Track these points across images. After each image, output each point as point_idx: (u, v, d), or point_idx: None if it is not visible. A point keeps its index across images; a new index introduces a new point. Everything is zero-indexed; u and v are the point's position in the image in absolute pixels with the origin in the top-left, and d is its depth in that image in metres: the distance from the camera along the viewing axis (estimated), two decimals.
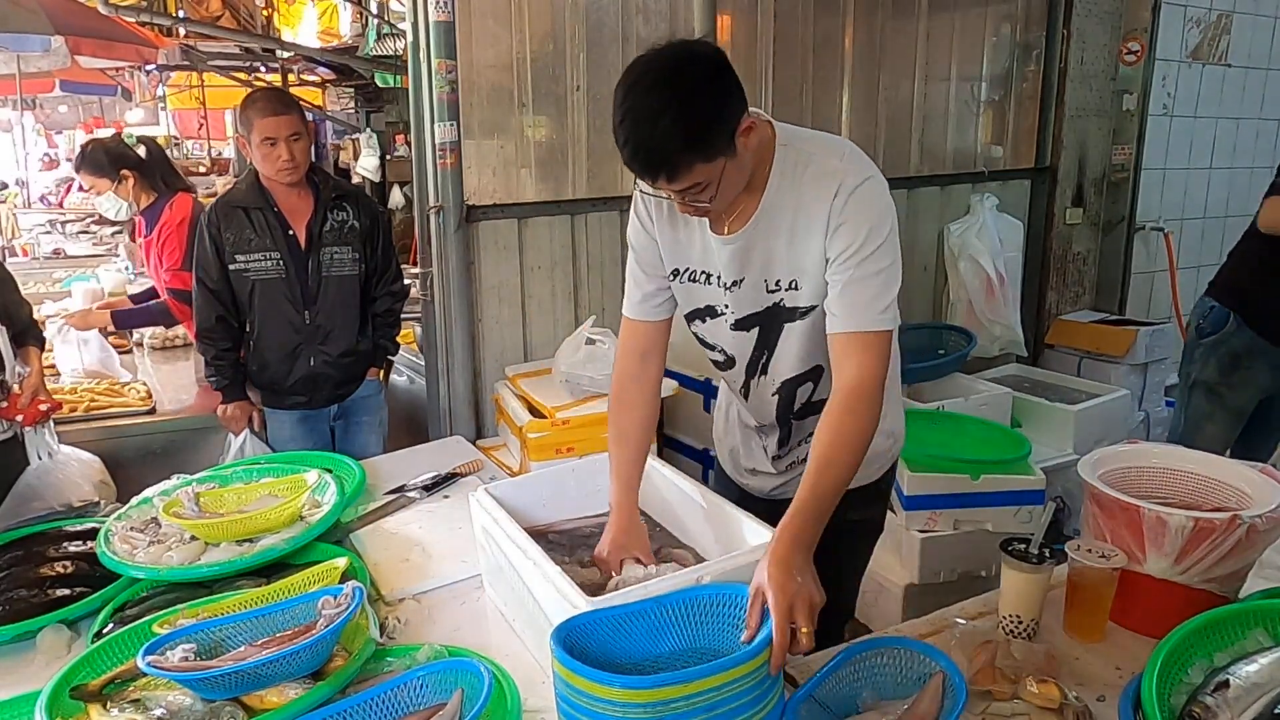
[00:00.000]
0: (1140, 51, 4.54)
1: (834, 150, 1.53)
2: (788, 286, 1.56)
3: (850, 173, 1.48)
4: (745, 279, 1.58)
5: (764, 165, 1.51)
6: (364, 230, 2.73)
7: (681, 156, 1.35)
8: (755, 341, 1.64)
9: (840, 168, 1.49)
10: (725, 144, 1.38)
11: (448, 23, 2.96)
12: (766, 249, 1.54)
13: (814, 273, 1.52)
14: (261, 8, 8.91)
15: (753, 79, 3.78)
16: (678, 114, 1.32)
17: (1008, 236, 4.38)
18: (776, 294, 1.57)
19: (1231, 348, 2.92)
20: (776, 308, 1.58)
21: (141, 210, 3.24)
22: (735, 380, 1.74)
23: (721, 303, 1.63)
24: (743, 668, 1.10)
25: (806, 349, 1.60)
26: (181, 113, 11.86)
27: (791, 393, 1.68)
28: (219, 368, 2.69)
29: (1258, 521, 1.35)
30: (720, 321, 1.66)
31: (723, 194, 1.44)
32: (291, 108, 2.57)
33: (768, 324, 1.61)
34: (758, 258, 1.55)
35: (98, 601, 1.65)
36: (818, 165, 1.50)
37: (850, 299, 1.46)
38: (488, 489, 1.68)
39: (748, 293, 1.59)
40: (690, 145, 1.34)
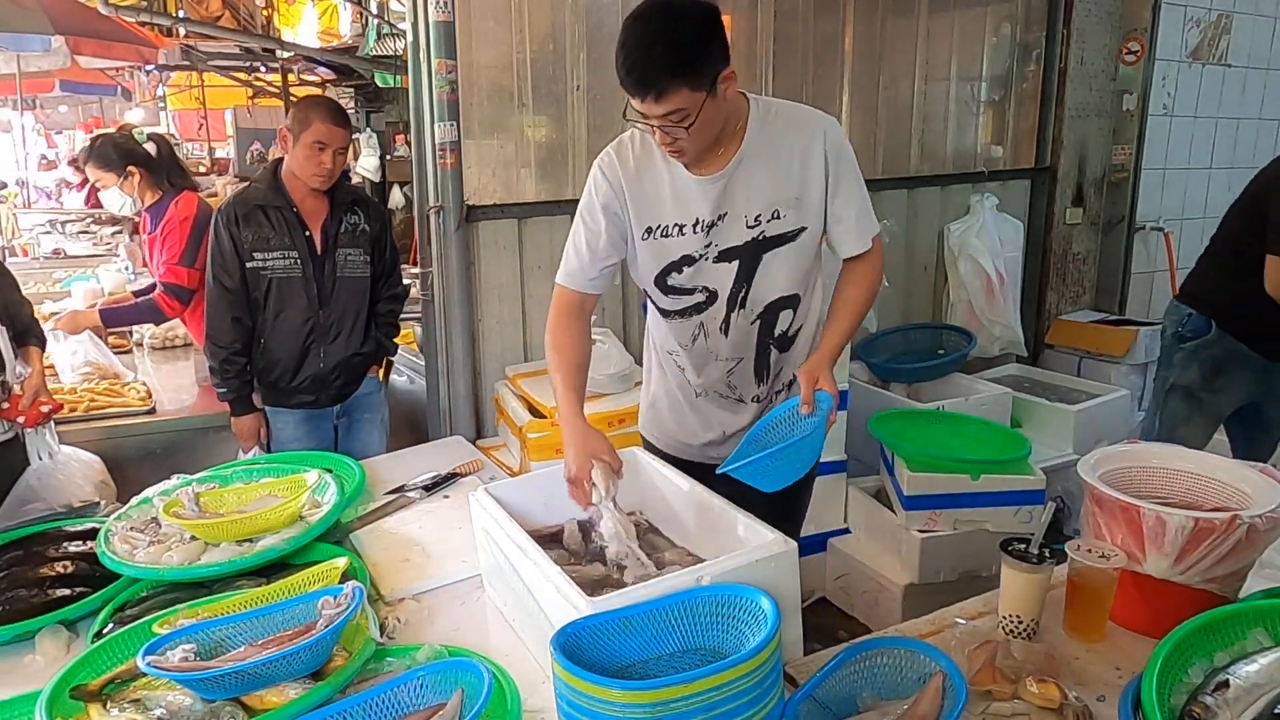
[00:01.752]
0: (1140, 51, 4.54)
1: (803, 106, 1.83)
2: (770, 218, 1.77)
3: (828, 121, 1.78)
4: (728, 214, 1.78)
5: (739, 119, 1.75)
6: (373, 234, 2.78)
7: (670, 79, 1.56)
8: (736, 274, 1.81)
9: (812, 115, 1.79)
10: (708, 80, 1.59)
11: (448, 23, 2.96)
12: (747, 186, 1.76)
13: (797, 202, 1.76)
14: (261, 8, 8.90)
15: (753, 79, 3.78)
16: (670, 41, 1.55)
17: (1008, 236, 4.38)
18: (757, 228, 1.78)
19: (1214, 354, 2.83)
20: (757, 240, 1.79)
21: (146, 208, 3.24)
22: (715, 318, 1.86)
23: (701, 244, 1.80)
24: (743, 667, 1.10)
25: (786, 275, 1.82)
26: (182, 113, 11.87)
27: (772, 318, 1.86)
28: (226, 375, 2.68)
29: (1258, 521, 1.35)
30: (702, 263, 1.82)
31: (697, 131, 1.63)
32: (348, 124, 2.67)
33: (746, 257, 1.80)
34: (739, 195, 1.76)
35: (98, 601, 1.65)
36: (788, 114, 1.78)
37: (860, 223, 1.81)
38: (488, 489, 1.68)
39: (730, 227, 1.78)
40: (677, 71, 1.56)
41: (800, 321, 1.89)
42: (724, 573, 1.33)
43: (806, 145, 1.75)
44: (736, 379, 1.92)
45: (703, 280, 1.83)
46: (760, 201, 1.76)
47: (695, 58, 1.57)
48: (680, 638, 1.29)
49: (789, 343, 1.90)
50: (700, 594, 1.29)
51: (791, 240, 1.79)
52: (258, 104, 10.16)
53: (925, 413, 3.44)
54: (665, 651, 1.28)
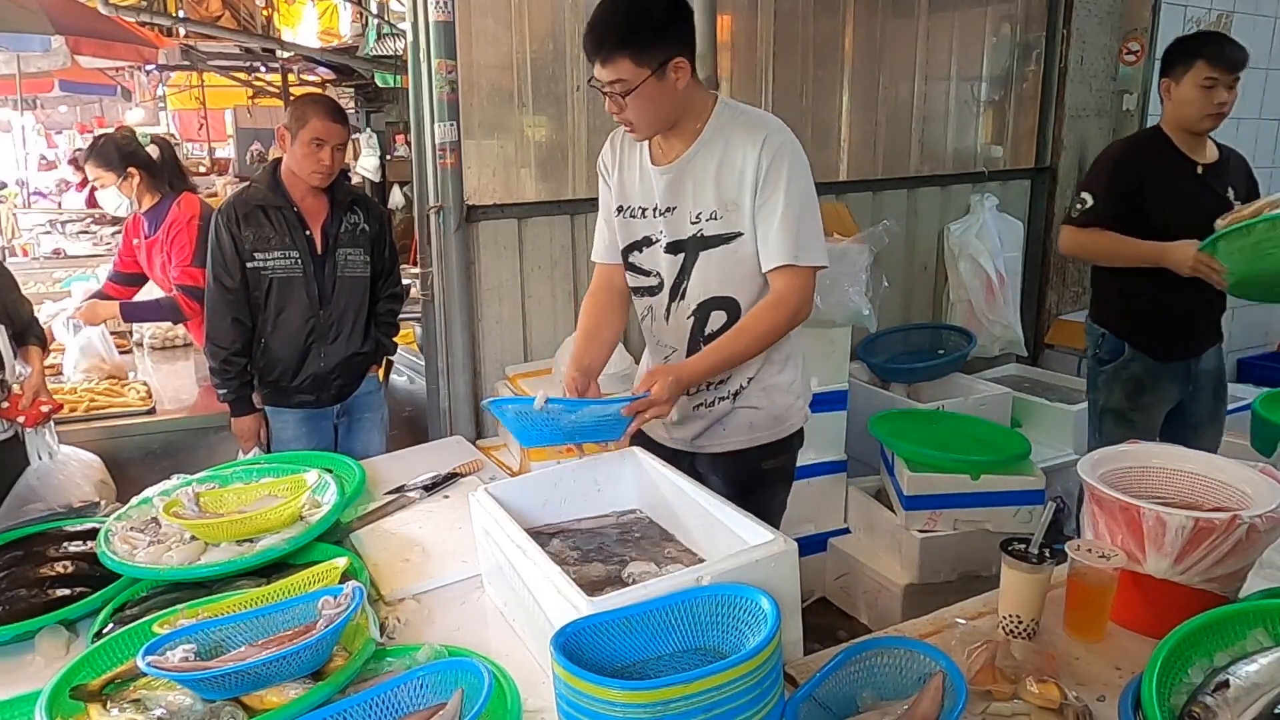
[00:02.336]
0: (1140, 51, 4.54)
1: (766, 115, 1.87)
2: (709, 217, 1.84)
3: (775, 129, 1.81)
4: (677, 208, 1.87)
5: (700, 116, 1.83)
6: (373, 234, 2.78)
7: (617, 48, 1.68)
8: (680, 265, 1.90)
9: (767, 124, 1.82)
10: (655, 59, 1.70)
11: (448, 23, 2.96)
12: (695, 182, 1.83)
13: (734, 207, 1.81)
14: (261, 8, 8.91)
15: (753, 79, 3.79)
16: (630, 14, 1.69)
17: (1008, 236, 4.38)
18: (698, 225, 1.85)
19: (1133, 373, 2.83)
20: (697, 238, 1.86)
21: (144, 211, 3.24)
22: (660, 305, 1.97)
23: (657, 230, 1.91)
24: (743, 667, 1.10)
25: (719, 276, 1.87)
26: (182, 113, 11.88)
27: (705, 316, 1.92)
28: (226, 376, 2.68)
29: (1258, 521, 1.35)
30: (655, 248, 1.93)
31: (636, 106, 1.74)
32: (345, 121, 2.66)
33: (689, 251, 1.88)
34: (688, 189, 1.85)
35: (98, 601, 1.64)
36: (748, 119, 1.83)
37: (781, 234, 1.79)
38: (488, 489, 1.68)
39: (678, 220, 1.87)
40: (627, 41, 1.68)
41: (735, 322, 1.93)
42: (724, 573, 1.33)
43: (747, 149, 1.79)
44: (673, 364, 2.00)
45: (654, 265, 1.95)
46: (703, 200, 1.84)
47: (647, 35, 1.69)
48: (680, 638, 1.29)
49: None
50: (700, 594, 1.29)
51: (727, 243, 1.84)
52: (258, 104, 10.17)
53: (925, 413, 3.44)
54: (665, 651, 1.28)
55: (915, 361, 3.99)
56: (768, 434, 1.98)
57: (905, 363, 3.97)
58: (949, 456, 3.01)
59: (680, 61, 1.73)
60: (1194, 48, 2.68)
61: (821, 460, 3.29)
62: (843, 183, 4.08)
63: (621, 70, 1.69)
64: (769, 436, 1.98)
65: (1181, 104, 2.69)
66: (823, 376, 3.22)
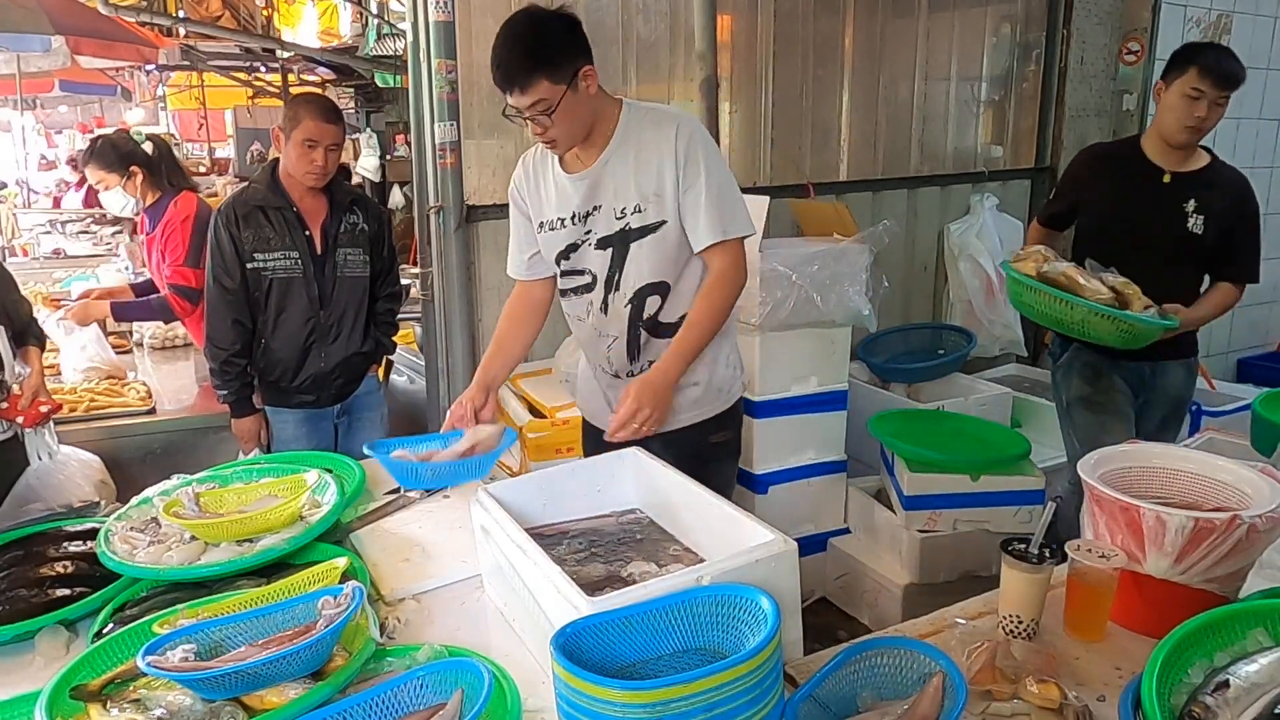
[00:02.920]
0: (1140, 51, 4.54)
1: (669, 109, 2.02)
2: (633, 211, 1.94)
3: (684, 120, 1.93)
4: (601, 205, 1.97)
5: (610, 121, 1.93)
6: (372, 233, 2.78)
7: (530, 73, 1.77)
8: (610, 259, 2.00)
9: (670, 115, 1.95)
10: (566, 74, 1.80)
11: (448, 23, 2.96)
12: (614, 181, 1.94)
13: (656, 197, 1.92)
14: (261, 8, 8.91)
15: (753, 79, 3.79)
16: (530, 40, 1.79)
17: (1008, 236, 4.38)
18: (624, 220, 1.96)
19: (1085, 360, 2.83)
20: (625, 231, 1.96)
21: (146, 207, 3.24)
22: (597, 298, 2.06)
23: (580, 235, 2.01)
24: (743, 667, 1.10)
25: (651, 264, 1.98)
26: (182, 113, 11.88)
27: (641, 302, 2.02)
28: (226, 377, 2.68)
29: (1258, 521, 1.35)
30: (584, 249, 2.03)
31: (561, 120, 1.83)
32: (339, 120, 2.65)
33: (618, 245, 1.98)
34: (607, 189, 1.95)
35: (98, 601, 1.64)
36: (655, 116, 1.95)
37: (708, 214, 1.90)
38: (488, 489, 1.68)
39: (603, 218, 1.98)
40: (538, 64, 1.77)
41: (670, 309, 2.03)
42: (724, 573, 1.33)
43: (661, 144, 1.90)
44: (614, 355, 2.11)
45: (586, 264, 2.04)
46: (625, 196, 1.94)
47: (554, 53, 1.79)
48: (680, 638, 1.29)
49: (659, 327, 2.04)
50: (700, 594, 1.29)
51: (654, 232, 1.95)
52: (258, 104, 10.17)
53: (925, 413, 3.44)
54: (665, 651, 1.28)
55: (915, 361, 3.99)
56: (711, 407, 2.09)
57: (905, 363, 3.97)
58: (949, 456, 3.01)
59: (588, 69, 1.84)
60: (1191, 55, 2.64)
61: (821, 460, 3.29)
62: (843, 183, 4.08)
63: (540, 91, 1.79)
64: (713, 409, 2.10)
65: (1165, 109, 2.67)
66: (823, 376, 3.22)
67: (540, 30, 1.80)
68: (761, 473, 3.18)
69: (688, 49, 3.47)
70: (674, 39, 3.52)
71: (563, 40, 1.82)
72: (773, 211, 2.99)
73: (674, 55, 3.55)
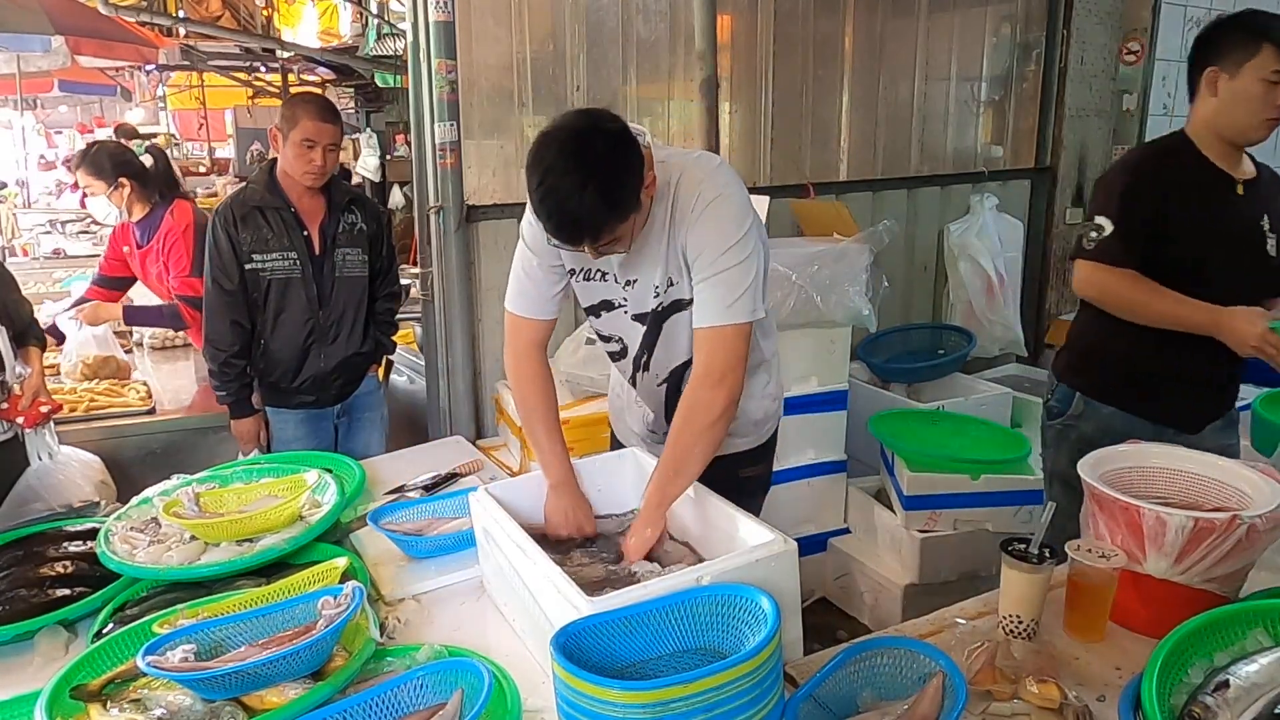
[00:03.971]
0: (1140, 51, 4.54)
1: (700, 165, 1.71)
2: (666, 286, 1.74)
3: (709, 185, 1.66)
4: (638, 280, 1.76)
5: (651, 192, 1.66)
6: (370, 233, 2.77)
7: (604, 224, 1.52)
8: (643, 336, 1.82)
9: (701, 179, 1.67)
10: (636, 204, 1.56)
11: (448, 23, 2.96)
12: (651, 254, 1.72)
13: (680, 275, 1.72)
14: (261, 8, 8.91)
15: (753, 79, 3.79)
16: (598, 189, 1.47)
17: (1008, 236, 4.38)
18: (659, 297, 1.76)
19: (1082, 433, 2.24)
20: (660, 309, 1.77)
21: (135, 220, 3.20)
22: (626, 369, 1.92)
23: (619, 296, 1.81)
24: (743, 667, 1.10)
25: (686, 341, 1.77)
26: (182, 113, 11.87)
27: (676, 381, 1.85)
28: (225, 378, 2.67)
29: (1258, 522, 1.35)
30: (619, 313, 1.83)
31: (635, 235, 1.64)
32: (337, 120, 2.62)
33: (653, 323, 1.80)
34: (645, 262, 1.73)
35: (98, 601, 1.64)
36: (686, 179, 1.67)
37: (705, 298, 1.66)
38: (488, 489, 1.68)
39: (640, 292, 1.77)
40: (611, 214, 1.52)
41: None
42: (724, 573, 1.33)
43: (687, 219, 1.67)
44: (654, 424, 1.98)
45: (618, 331, 1.87)
46: (659, 270, 1.73)
47: (624, 192, 1.53)
48: (680, 638, 1.29)
49: None
50: (700, 594, 1.29)
51: (687, 308, 1.74)
52: (258, 104, 10.17)
53: (925, 413, 3.44)
54: (665, 651, 1.28)
55: (915, 361, 3.99)
56: (746, 440, 1.96)
57: (905, 363, 3.97)
58: (949, 456, 3.01)
59: (650, 178, 1.60)
60: (1262, 28, 2.01)
61: (821, 460, 3.29)
62: (843, 183, 4.08)
63: (617, 231, 1.56)
64: (748, 443, 1.96)
65: (1235, 102, 2.05)
66: (823, 376, 3.22)
67: (598, 168, 1.48)
68: None
69: (688, 49, 3.47)
70: (674, 39, 3.52)
71: (624, 168, 1.53)
72: (773, 211, 2.99)
73: (674, 55, 3.55)
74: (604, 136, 1.52)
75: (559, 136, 1.51)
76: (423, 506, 1.97)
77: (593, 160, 1.48)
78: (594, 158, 1.49)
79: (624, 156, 1.53)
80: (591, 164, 1.48)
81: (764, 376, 1.95)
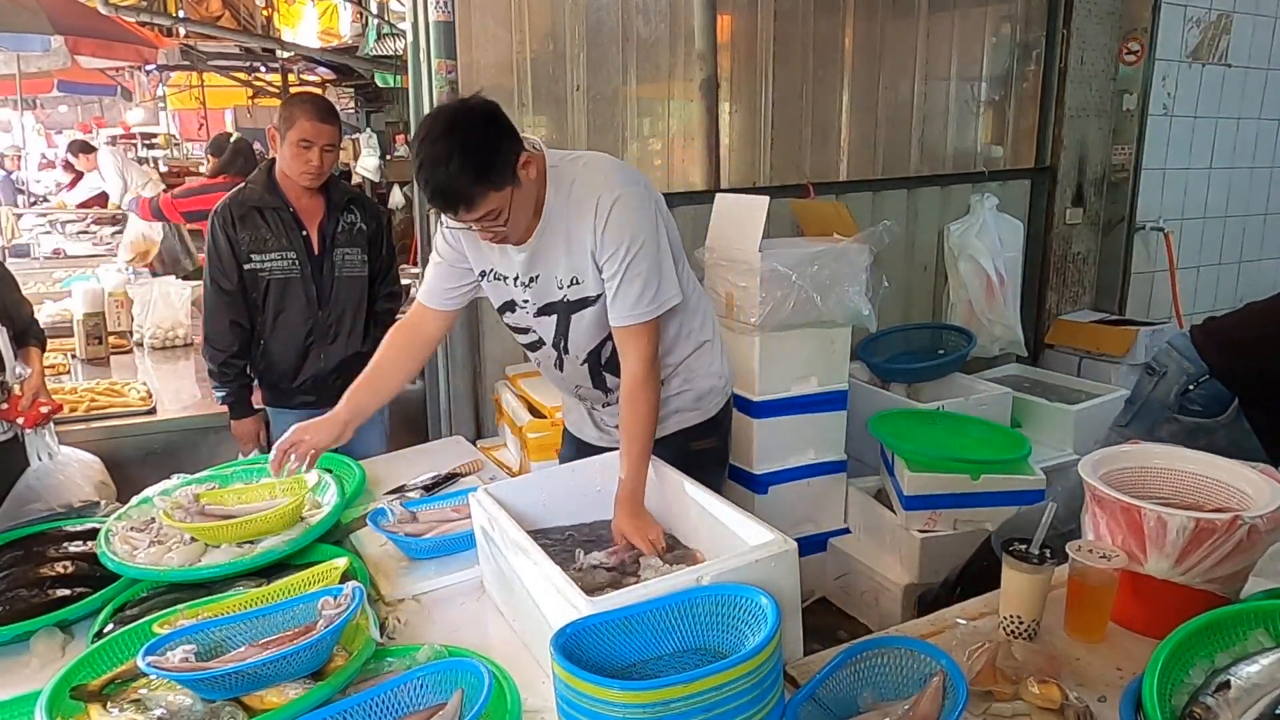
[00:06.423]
0: (1140, 51, 4.54)
1: (595, 168, 1.82)
2: (569, 283, 1.84)
3: (606, 188, 1.76)
4: (540, 275, 1.86)
5: (542, 188, 1.78)
6: (370, 233, 2.77)
7: (473, 190, 1.63)
8: (555, 325, 1.92)
9: (598, 183, 1.77)
10: (509, 176, 1.66)
11: (448, 23, 2.96)
12: (550, 255, 1.82)
13: (590, 271, 1.81)
14: (261, 8, 8.90)
15: (753, 79, 3.78)
16: (463, 154, 1.60)
17: (1008, 236, 4.38)
18: (563, 290, 1.86)
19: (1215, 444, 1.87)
20: (565, 302, 1.87)
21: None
22: (549, 356, 1.99)
23: (520, 298, 1.91)
24: (743, 667, 1.10)
25: (596, 329, 1.89)
26: (182, 113, 11.88)
27: (598, 355, 1.95)
28: (225, 379, 2.67)
29: (1259, 522, 1.35)
30: (523, 312, 1.94)
31: (514, 219, 1.72)
32: (335, 120, 2.62)
33: (562, 313, 1.89)
34: (545, 261, 1.84)
35: (98, 602, 1.64)
36: (581, 182, 1.79)
37: (620, 299, 1.78)
38: (488, 489, 1.68)
39: (544, 286, 1.87)
40: (479, 179, 1.62)
41: None
42: (724, 573, 1.33)
43: (586, 221, 1.77)
44: (583, 394, 2.07)
45: (529, 325, 1.96)
46: (563, 267, 1.83)
47: (492, 160, 1.64)
48: (680, 638, 1.29)
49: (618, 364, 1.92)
50: (700, 594, 1.29)
51: (594, 304, 1.85)
52: (258, 104, 10.17)
53: (925, 413, 3.43)
54: (665, 651, 1.28)
55: (915, 361, 3.99)
56: (692, 415, 2.03)
57: (905, 363, 3.97)
58: (949, 456, 3.01)
59: (525, 158, 1.70)
60: None
61: (821, 460, 3.29)
62: (843, 183, 4.08)
63: (489, 204, 1.66)
64: (694, 418, 2.04)
65: None
66: (823, 376, 3.22)
67: (468, 137, 1.62)
68: (761, 473, 3.17)
69: (688, 49, 3.47)
70: (674, 39, 3.52)
71: (495, 140, 1.65)
72: (773, 211, 2.99)
73: (674, 55, 3.55)
74: (472, 113, 1.66)
75: (434, 114, 1.69)
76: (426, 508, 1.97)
77: (461, 132, 1.62)
78: (462, 130, 1.62)
79: (491, 129, 1.65)
80: (460, 135, 1.61)
81: (707, 357, 2.03)
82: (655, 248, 1.79)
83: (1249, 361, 2.10)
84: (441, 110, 1.70)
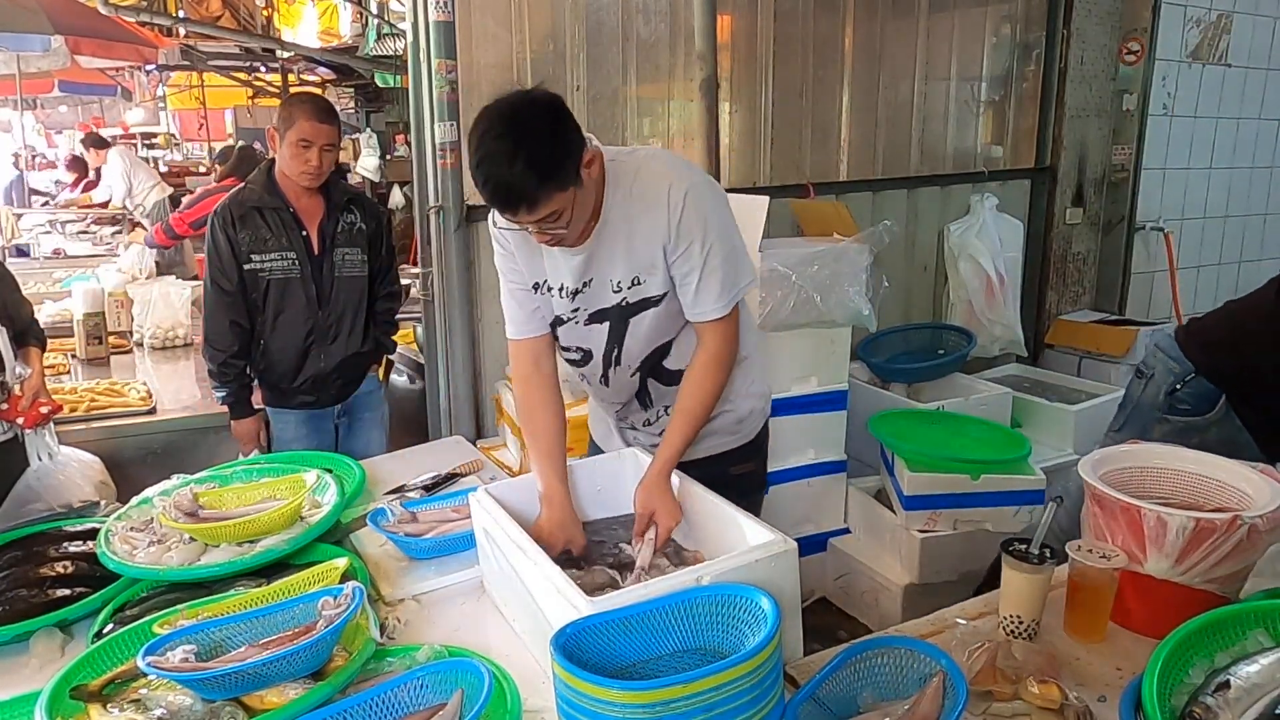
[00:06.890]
0: (1140, 51, 4.54)
1: (657, 161, 1.74)
2: (629, 284, 1.75)
3: (675, 181, 1.68)
4: (594, 279, 1.76)
5: (602, 187, 1.70)
6: (370, 232, 2.77)
7: (538, 190, 1.52)
8: (608, 335, 1.82)
9: (665, 175, 1.69)
10: (573, 176, 1.57)
11: (448, 23, 2.96)
12: (609, 255, 1.73)
13: (655, 269, 1.72)
14: (261, 8, 8.90)
15: (753, 79, 3.78)
16: (529, 153, 1.50)
17: (1008, 236, 4.38)
18: (620, 294, 1.76)
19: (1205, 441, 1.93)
20: (621, 306, 1.78)
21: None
22: (594, 372, 1.90)
23: (567, 310, 1.82)
24: (743, 667, 1.10)
25: (652, 335, 1.81)
26: (182, 113, 11.88)
27: (648, 368, 1.87)
28: (225, 379, 2.67)
29: (1258, 522, 1.35)
30: (570, 326, 1.84)
31: (575, 220, 1.63)
32: (334, 120, 2.61)
33: (615, 319, 1.80)
34: (601, 263, 1.74)
35: (98, 602, 1.64)
36: (645, 176, 1.70)
37: (702, 293, 1.72)
38: (488, 489, 1.68)
39: (596, 291, 1.78)
40: (544, 179, 1.52)
41: (677, 356, 1.85)
42: (724, 573, 1.33)
43: (655, 215, 1.68)
44: (624, 410, 1.98)
45: (576, 341, 1.87)
46: (621, 268, 1.74)
47: (558, 159, 1.54)
48: (680, 638, 1.29)
49: (667, 374, 1.88)
50: (700, 594, 1.29)
51: (656, 305, 1.77)
52: (258, 104, 10.17)
53: (925, 413, 3.43)
54: (665, 651, 1.28)
55: (915, 361, 3.99)
56: (732, 439, 1.95)
57: (905, 363, 3.97)
58: (949, 456, 3.01)
59: (590, 155, 1.61)
60: None
61: (821, 460, 3.29)
62: (843, 183, 4.08)
63: (551, 205, 1.55)
64: (734, 441, 1.96)
65: None
66: (823, 376, 3.22)
67: (532, 133, 1.52)
68: None
69: (688, 49, 3.47)
70: (674, 39, 3.52)
71: (558, 138, 1.55)
72: (773, 211, 2.99)
73: (674, 55, 3.55)
74: (536, 105, 1.56)
75: (495, 108, 1.55)
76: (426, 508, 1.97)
77: (524, 127, 1.52)
78: (526, 126, 1.52)
79: (557, 125, 1.56)
80: (522, 131, 1.51)
81: (749, 375, 1.94)
82: (730, 236, 1.73)
83: (1231, 359, 2.11)
84: (502, 102, 1.56)
